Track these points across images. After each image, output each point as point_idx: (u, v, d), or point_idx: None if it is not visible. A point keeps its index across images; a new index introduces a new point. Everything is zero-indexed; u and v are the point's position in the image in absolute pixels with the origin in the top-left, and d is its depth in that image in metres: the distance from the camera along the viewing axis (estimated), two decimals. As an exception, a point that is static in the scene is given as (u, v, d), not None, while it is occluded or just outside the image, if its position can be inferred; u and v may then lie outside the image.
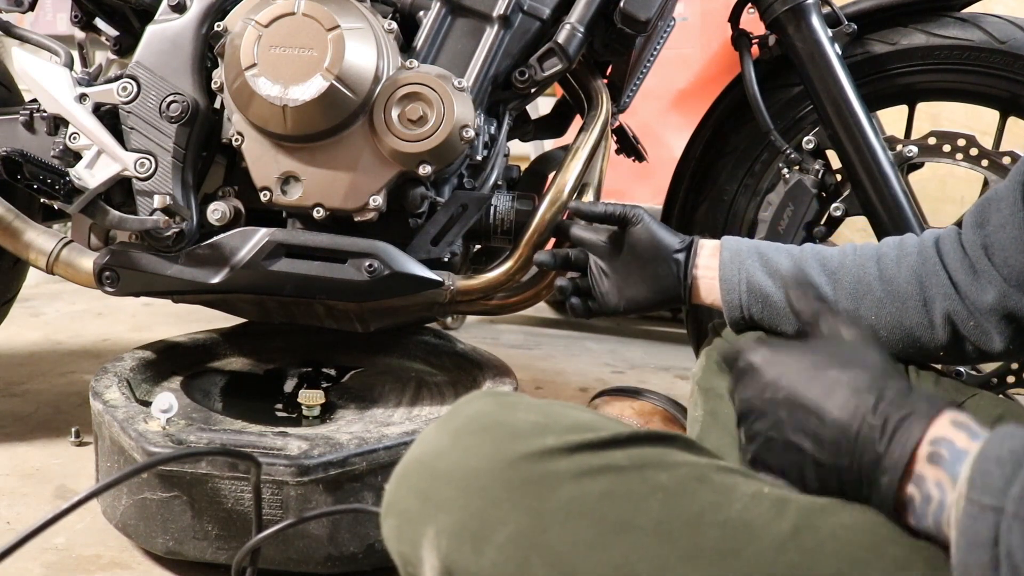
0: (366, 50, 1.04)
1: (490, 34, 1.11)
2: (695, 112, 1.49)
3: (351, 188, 1.07)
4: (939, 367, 0.92)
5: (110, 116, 1.10)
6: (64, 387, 1.66)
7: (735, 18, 1.33)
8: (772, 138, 1.28)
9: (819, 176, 1.26)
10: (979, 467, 0.46)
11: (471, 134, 1.05)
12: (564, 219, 1.12)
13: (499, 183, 1.18)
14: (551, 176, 1.18)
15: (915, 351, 0.85)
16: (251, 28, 1.04)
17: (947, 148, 1.24)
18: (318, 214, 1.08)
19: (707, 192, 1.39)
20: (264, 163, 1.08)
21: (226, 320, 1.40)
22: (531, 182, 1.28)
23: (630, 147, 1.41)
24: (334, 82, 1.02)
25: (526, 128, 1.38)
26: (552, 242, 1.16)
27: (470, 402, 0.61)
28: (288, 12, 1.03)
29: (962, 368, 1.23)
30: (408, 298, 1.12)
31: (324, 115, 1.04)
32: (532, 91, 1.15)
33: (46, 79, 1.09)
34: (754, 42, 1.32)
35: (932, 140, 1.25)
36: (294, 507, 0.96)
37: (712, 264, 0.93)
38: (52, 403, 1.57)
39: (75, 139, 1.09)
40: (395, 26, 1.10)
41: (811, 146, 1.28)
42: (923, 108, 1.33)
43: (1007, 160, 1.22)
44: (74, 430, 1.38)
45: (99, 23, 1.29)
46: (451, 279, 1.13)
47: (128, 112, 1.09)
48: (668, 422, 1.34)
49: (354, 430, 1.06)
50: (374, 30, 1.06)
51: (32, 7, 1.25)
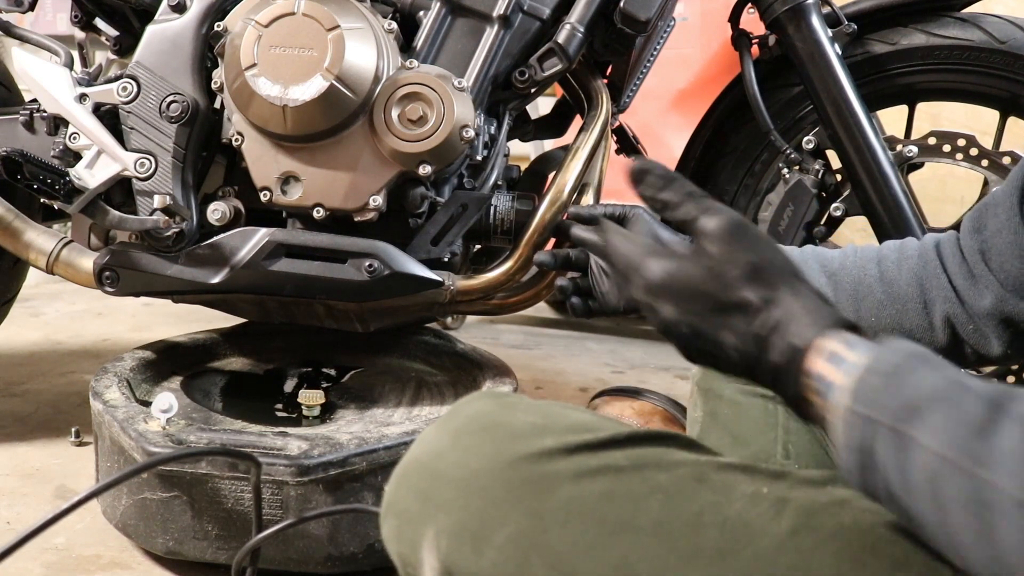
0: (366, 50, 1.04)
1: (490, 34, 1.11)
2: (695, 112, 1.49)
3: (351, 188, 1.07)
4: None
5: (110, 116, 1.10)
6: (64, 387, 1.66)
7: (735, 18, 1.33)
8: (772, 138, 1.28)
9: (819, 176, 1.27)
10: (864, 378, 0.49)
11: (471, 134, 1.05)
12: (564, 219, 1.12)
13: (499, 183, 1.18)
14: (551, 176, 1.18)
15: None
16: (251, 28, 1.04)
17: (947, 148, 1.24)
18: (318, 214, 1.08)
19: (707, 192, 1.39)
20: (264, 163, 1.08)
21: (226, 320, 1.40)
22: (531, 182, 1.28)
23: (630, 147, 1.41)
24: (334, 82, 1.02)
25: (526, 128, 1.38)
26: (552, 242, 1.16)
27: (470, 403, 0.61)
28: (288, 12, 1.04)
29: (962, 369, 1.23)
30: (408, 298, 1.12)
31: (324, 115, 1.04)
32: (532, 91, 1.15)
33: (46, 79, 1.09)
34: (754, 42, 1.32)
35: (932, 140, 1.25)
36: (294, 507, 0.96)
37: None
38: (52, 403, 1.57)
39: (75, 139, 1.09)
40: (395, 26, 1.10)
41: (811, 146, 1.28)
42: (923, 108, 1.33)
43: (1007, 160, 1.22)
44: (74, 430, 1.38)
45: (99, 23, 1.29)
46: (451, 279, 1.13)
47: (128, 112, 1.09)
48: (668, 422, 1.34)
49: (354, 430, 1.06)
50: (374, 30, 1.06)
51: (32, 7, 1.25)
